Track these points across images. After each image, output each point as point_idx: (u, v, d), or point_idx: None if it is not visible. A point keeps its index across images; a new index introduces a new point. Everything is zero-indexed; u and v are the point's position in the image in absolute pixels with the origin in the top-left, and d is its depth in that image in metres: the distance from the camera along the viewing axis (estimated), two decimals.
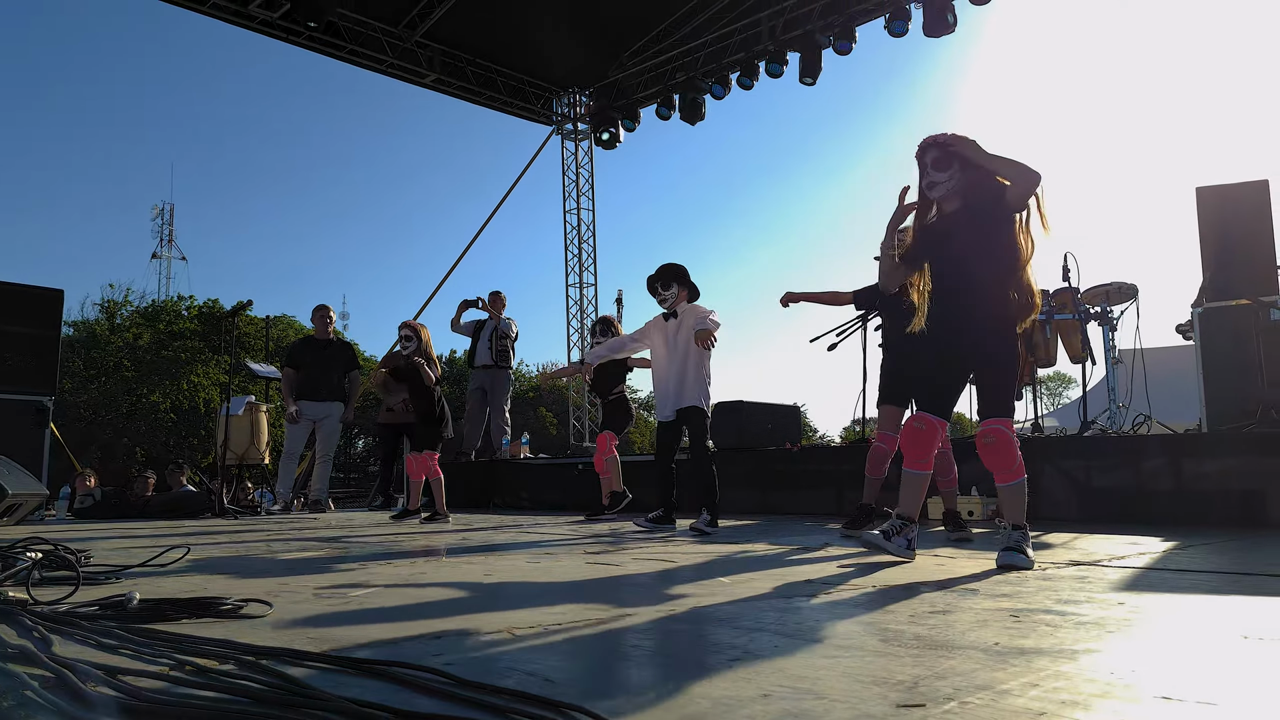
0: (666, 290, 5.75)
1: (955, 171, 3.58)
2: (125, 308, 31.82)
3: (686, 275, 5.82)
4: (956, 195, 3.60)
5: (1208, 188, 6.52)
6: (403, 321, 7.33)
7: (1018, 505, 3.48)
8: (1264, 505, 5.22)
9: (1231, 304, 6.19)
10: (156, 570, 3.41)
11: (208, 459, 26.17)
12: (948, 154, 3.57)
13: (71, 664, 1.50)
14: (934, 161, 3.60)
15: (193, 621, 2.16)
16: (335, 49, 12.74)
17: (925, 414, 3.60)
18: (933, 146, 3.62)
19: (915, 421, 3.62)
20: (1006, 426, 3.46)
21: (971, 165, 3.56)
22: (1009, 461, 3.45)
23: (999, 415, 3.46)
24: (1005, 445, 3.44)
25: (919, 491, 3.67)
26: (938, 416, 3.58)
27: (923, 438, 3.56)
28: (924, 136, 3.68)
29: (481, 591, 2.87)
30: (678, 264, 5.86)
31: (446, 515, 7.25)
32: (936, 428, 3.57)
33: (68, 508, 10.20)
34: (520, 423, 11.39)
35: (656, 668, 1.71)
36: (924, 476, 3.65)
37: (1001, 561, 3.28)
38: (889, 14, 11.50)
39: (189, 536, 5.51)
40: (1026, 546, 3.36)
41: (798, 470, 7.72)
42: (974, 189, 3.57)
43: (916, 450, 3.59)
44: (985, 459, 3.49)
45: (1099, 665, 1.63)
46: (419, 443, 7.34)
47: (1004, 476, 3.49)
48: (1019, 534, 3.40)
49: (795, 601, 2.53)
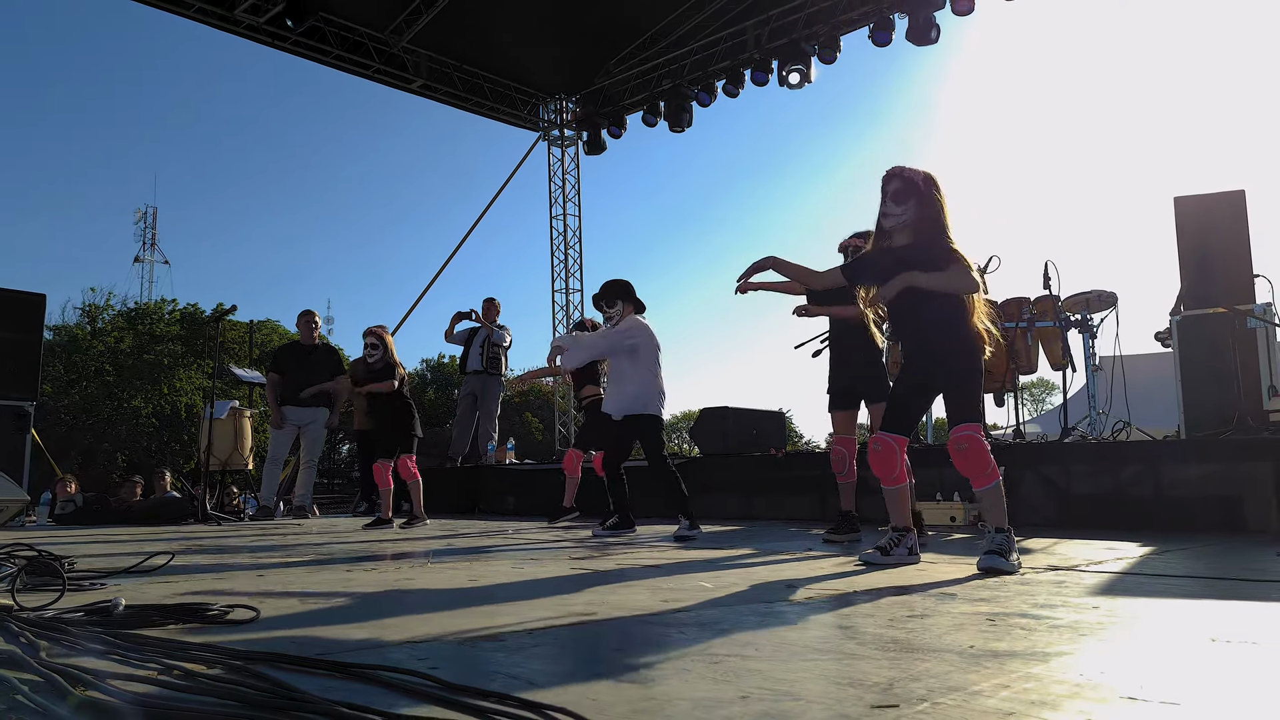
0: (611, 308, 5.93)
1: (911, 207, 3.68)
2: (107, 312, 31.62)
3: (631, 291, 5.97)
4: (908, 230, 3.72)
5: (1186, 198, 6.61)
6: (368, 327, 7.27)
7: (997, 508, 3.55)
8: (1240, 510, 5.29)
9: (1209, 312, 6.27)
10: (141, 576, 3.42)
11: (190, 464, 26.04)
12: (909, 188, 3.68)
13: (61, 669, 1.52)
14: (894, 193, 3.71)
15: (179, 627, 2.18)
16: (322, 54, 12.74)
17: (882, 435, 3.75)
18: (896, 178, 3.72)
19: (873, 444, 3.77)
20: (976, 431, 3.55)
21: (926, 205, 3.67)
22: (982, 465, 3.53)
23: (968, 420, 3.56)
24: (977, 450, 3.51)
25: (901, 502, 3.79)
26: (896, 435, 3.72)
27: (883, 457, 3.72)
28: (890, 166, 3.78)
29: (467, 596, 2.90)
30: (621, 280, 6.00)
31: (424, 519, 7.22)
32: (894, 446, 3.71)
33: (48, 513, 10.13)
34: (506, 428, 11.40)
35: (639, 670, 1.74)
36: (901, 489, 3.78)
37: (983, 565, 3.35)
38: (873, 24, 11.59)
39: (172, 542, 5.50)
40: (1010, 550, 3.41)
41: (782, 476, 7.77)
42: (925, 229, 3.68)
43: (883, 469, 3.74)
44: (959, 465, 3.56)
45: (1069, 667, 1.68)
46: (391, 449, 7.22)
47: (980, 481, 3.56)
48: (1001, 537, 3.46)
49: (776, 605, 2.57)
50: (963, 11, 10.91)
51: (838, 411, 5.14)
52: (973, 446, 3.51)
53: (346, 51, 12.87)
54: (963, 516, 6.12)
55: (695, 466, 8.58)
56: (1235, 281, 6.29)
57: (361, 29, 12.87)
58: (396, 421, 7.21)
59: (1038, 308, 7.12)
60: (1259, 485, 5.27)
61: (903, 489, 3.79)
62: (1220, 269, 6.35)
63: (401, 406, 7.21)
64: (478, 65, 14.38)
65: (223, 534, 6.56)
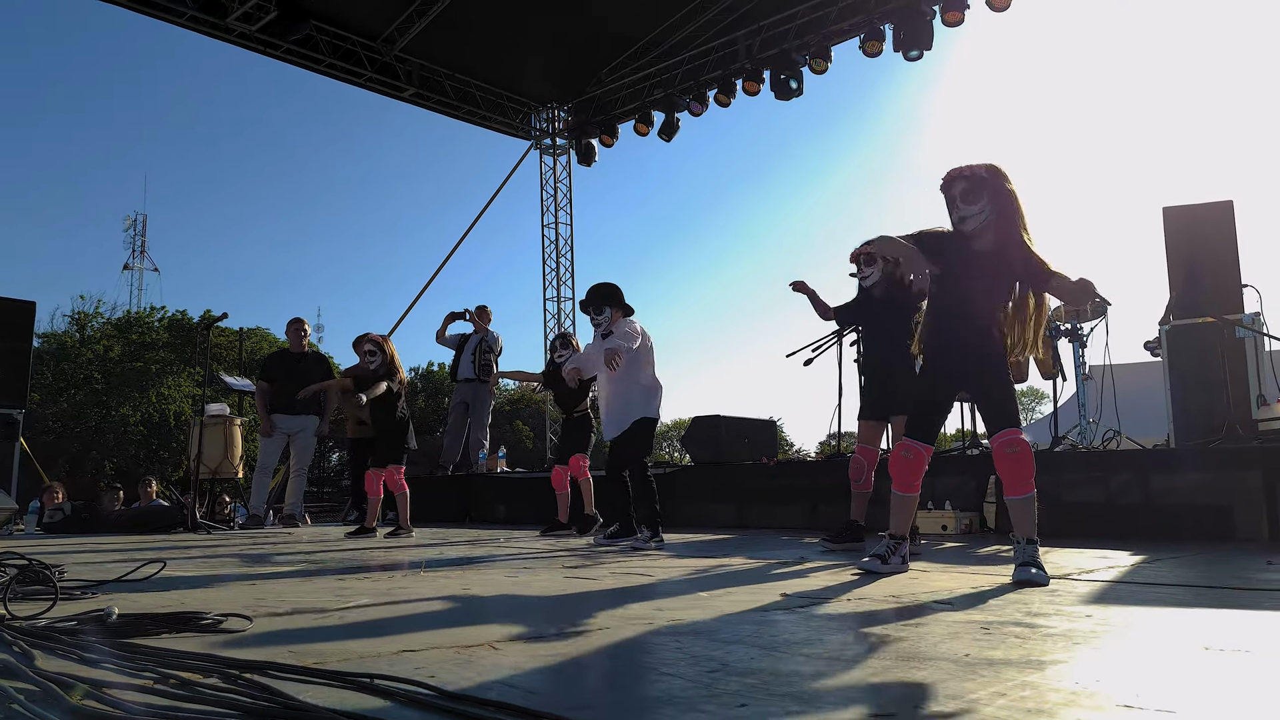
0: (599, 314, 5.78)
1: (986, 204, 3.54)
2: (96, 319, 31.48)
3: (619, 295, 5.82)
4: (989, 231, 3.57)
5: (1174, 208, 6.64)
6: (365, 334, 7.17)
7: (1030, 517, 3.48)
8: (1230, 519, 5.32)
9: (1198, 322, 6.31)
10: (132, 585, 3.40)
11: (178, 472, 25.91)
12: (977, 185, 3.54)
13: (57, 677, 1.51)
14: (963, 194, 3.56)
15: (173, 636, 2.17)
16: (314, 62, 12.73)
17: (911, 441, 3.69)
18: (960, 179, 3.57)
19: (902, 450, 3.71)
20: (1023, 435, 3.51)
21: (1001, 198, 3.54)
22: (1028, 471, 3.47)
23: (1014, 425, 3.51)
24: (1027, 454, 3.46)
25: (908, 512, 3.80)
26: (923, 443, 3.67)
27: (910, 464, 3.67)
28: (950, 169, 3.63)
29: (461, 605, 2.89)
30: (608, 284, 5.85)
31: (410, 530, 7.16)
32: (922, 454, 3.67)
33: (37, 522, 10.07)
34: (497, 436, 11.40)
35: (636, 680, 1.74)
36: (913, 499, 3.77)
37: (1018, 578, 3.28)
38: (863, 34, 11.65)
39: (162, 551, 5.47)
40: (1041, 560, 3.37)
41: (774, 485, 7.77)
42: (1005, 228, 3.55)
43: (906, 475, 3.69)
44: (1005, 469, 3.49)
45: (1065, 675, 1.68)
46: (382, 458, 7.19)
47: (1020, 488, 3.49)
48: (1033, 548, 3.40)
49: (772, 614, 2.57)
50: (952, 23, 10.98)
51: (867, 422, 5.09)
52: (1024, 451, 3.45)
53: (338, 60, 12.87)
54: (954, 525, 6.13)
55: (687, 475, 8.58)
56: (1224, 291, 6.32)
57: (354, 37, 12.87)
58: (392, 431, 7.19)
59: None
60: (1248, 494, 5.30)
61: (914, 499, 3.76)
62: (1209, 279, 6.38)
63: (399, 417, 7.20)
64: (470, 74, 14.39)
65: (213, 543, 6.53)
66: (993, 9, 10.68)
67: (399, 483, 7.17)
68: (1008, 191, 3.55)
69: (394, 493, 7.21)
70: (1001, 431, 3.51)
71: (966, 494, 6.34)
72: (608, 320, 5.75)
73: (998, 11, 10.69)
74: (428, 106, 14.31)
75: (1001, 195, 3.54)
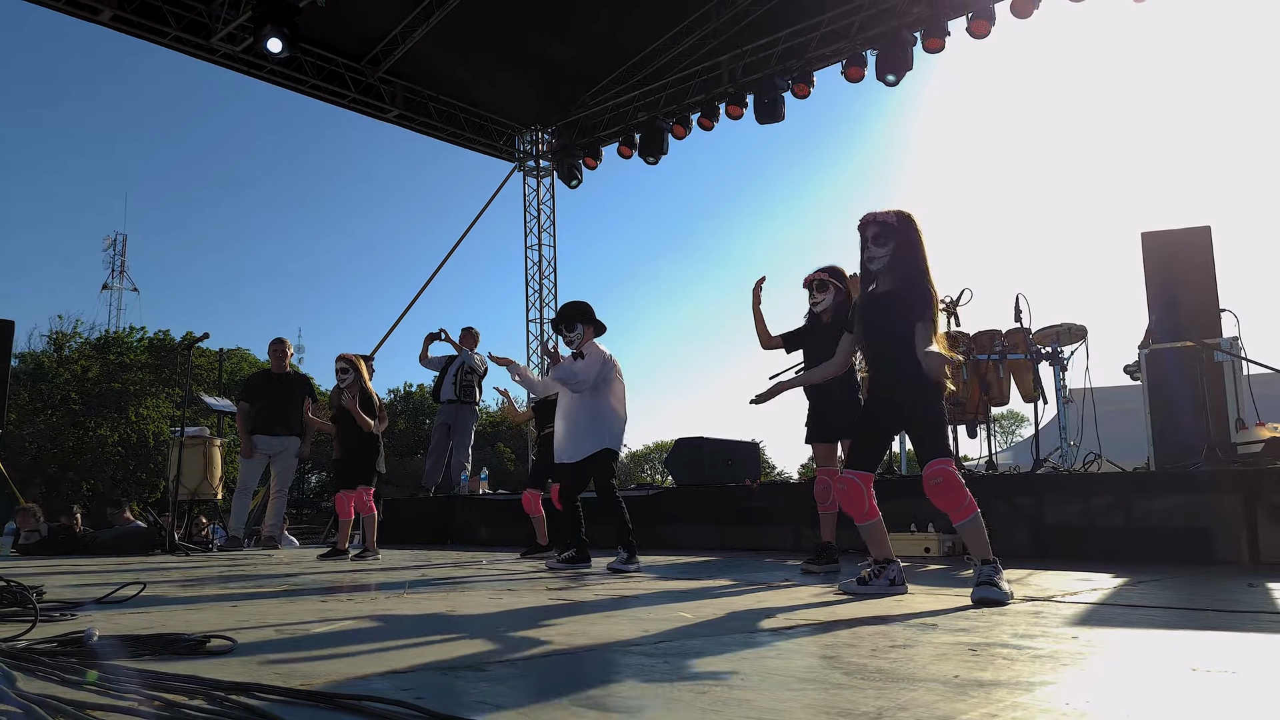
0: (571, 332, 5.70)
1: (891, 249, 3.80)
2: (74, 340, 31.20)
3: (590, 312, 5.77)
4: (891, 272, 3.82)
5: (1152, 233, 6.72)
6: (340, 354, 7.21)
7: (980, 540, 3.56)
8: (1210, 541, 5.35)
9: (1177, 346, 6.37)
10: (112, 607, 3.36)
11: (156, 494, 25.64)
12: (886, 230, 3.81)
13: (39, 699, 1.49)
14: (874, 237, 3.83)
15: (156, 658, 2.14)
16: (298, 83, 12.73)
17: (847, 473, 3.82)
18: (873, 223, 3.83)
19: (839, 484, 3.85)
20: (950, 465, 3.58)
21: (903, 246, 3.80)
22: (959, 499, 3.56)
23: (940, 455, 3.59)
24: (952, 484, 3.54)
25: (878, 535, 3.84)
26: (861, 472, 3.79)
27: (851, 495, 3.79)
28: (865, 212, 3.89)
29: (447, 626, 2.87)
30: (580, 302, 5.82)
31: (377, 553, 7.05)
32: (859, 484, 3.78)
33: (12, 544, 9.93)
34: (478, 458, 11.34)
35: (625, 700, 1.73)
36: (874, 524, 3.84)
37: (976, 597, 3.34)
38: (845, 60, 11.77)
39: (141, 573, 5.41)
40: (999, 580, 3.41)
41: (757, 507, 7.76)
42: (904, 269, 3.79)
43: (853, 507, 3.80)
44: (936, 500, 3.59)
45: (1054, 696, 1.69)
46: (351, 479, 7.13)
47: (958, 515, 3.59)
48: (989, 568, 3.46)
49: (758, 636, 2.56)
50: (933, 49, 11.11)
51: (819, 444, 5.16)
52: (947, 480, 3.54)
53: (323, 81, 12.87)
54: (937, 548, 6.14)
55: (669, 497, 8.57)
56: (1202, 315, 6.39)
57: (339, 59, 12.90)
58: (360, 453, 7.13)
59: (1009, 340, 7.20)
60: (1228, 517, 5.33)
61: (876, 523, 3.83)
62: (1187, 303, 6.45)
63: (369, 440, 7.13)
64: (454, 96, 14.43)
65: (192, 564, 6.46)
66: (973, 36, 10.83)
67: (367, 504, 7.10)
68: (911, 237, 3.82)
69: (361, 515, 7.15)
70: (928, 464, 3.59)
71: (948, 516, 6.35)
72: (580, 337, 5.67)
73: (978, 39, 10.83)
74: (412, 128, 14.32)
75: (904, 242, 3.81)
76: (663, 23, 13.13)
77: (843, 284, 5.04)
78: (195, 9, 11.12)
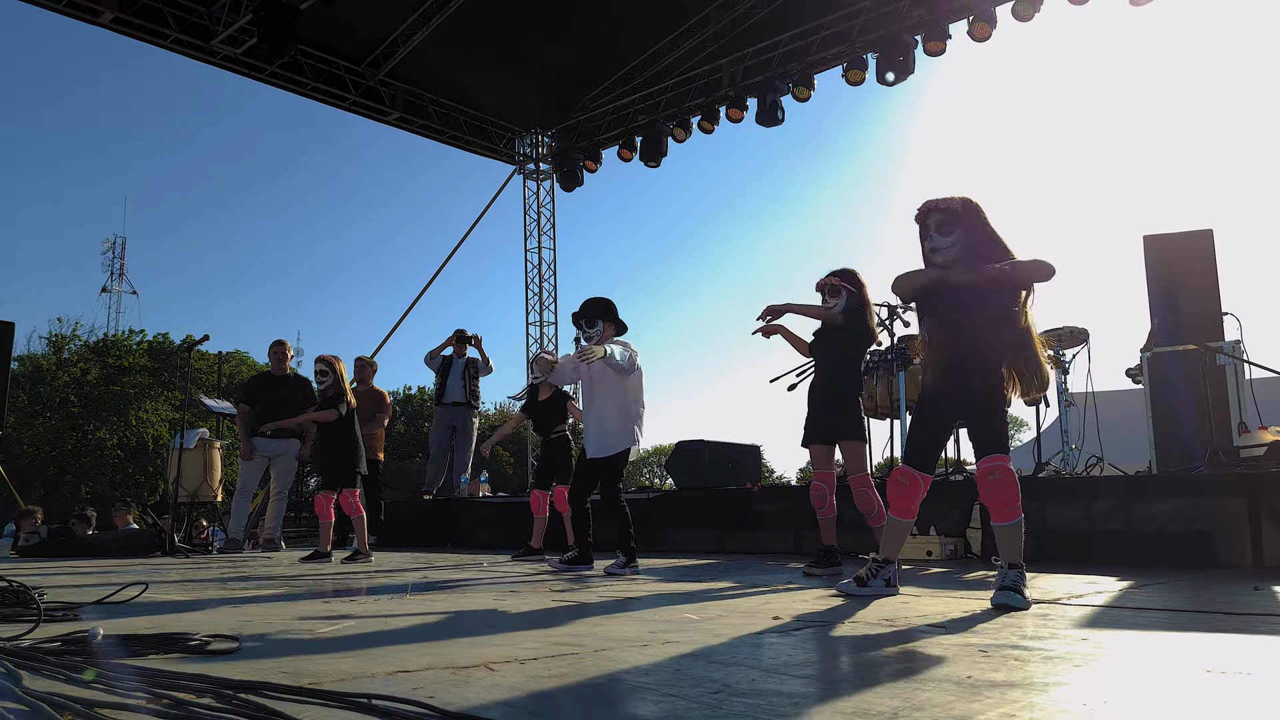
0: (591, 328, 5.51)
1: (960, 236, 3.59)
2: (74, 342, 31.15)
3: (613, 310, 5.59)
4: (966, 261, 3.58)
5: (1154, 236, 6.72)
6: (318, 355, 7.21)
7: (1015, 544, 3.45)
8: (1212, 545, 5.34)
9: (1179, 349, 6.36)
10: (115, 607, 3.34)
11: (155, 496, 25.60)
12: (951, 218, 3.60)
13: (46, 697, 1.47)
14: (938, 225, 3.61)
15: (160, 657, 2.13)
16: (298, 85, 12.73)
17: (908, 468, 3.67)
18: (935, 210, 3.62)
19: (899, 476, 3.67)
20: (1009, 462, 3.47)
21: (977, 231, 3.58)
22: (1011, 499, 3.44)
23: (1000, 451, 3.48)
24: (1009, 481, 3.43)
25: (900, 537, 3.77)
26: (921, 471, 3.65)
27: (906, 490, 3.64)
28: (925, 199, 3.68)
29: (451, 627, 2.85)
30: (603, 298, 5.63)
31: (369, 555, 6.99)
32: (920, 481, 3.63)
33: (12, 546, 9.91)
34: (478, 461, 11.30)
35: (639, 701, 1.72)
36: (907, 524, 3.74)
37: (997, 601, 3.27)
38: (846, 63, 11.77)
39: (142, 574, 5.39)
40: (1024, 587, 3.34)
41: (757, 510, 7.75)
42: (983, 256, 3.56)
43: (902, 501, 3.66)
44: (987, 496, 3.48)
45: (1070, 697, 1.67)
46: (332, 481, 7.08)
47: (1004, 515, 3.46)
48: (1015, 574, 3.37)
49: (766, 637, 2.55)
50: (934, 52, 11.11)
51: (815, 446, 5.13)
52: (1006, 477, 3.42)
53: (323, 83, 12.88)
54: (940, 551, 6.13)
55: (670, 500, 8.55)
56: (1205, 319, 6.38)
57: (339, 62, 12.90)
58: (340, 454, 7.07)
59: None
60: (1230, 520, 5.32)
61: (909, 524, 3.74)
62: (1190, 306, 6.44)
63: (348, 440, 7.06)
64: (454, 99, 14.43)
65: (192, 566, 6.44)
66: (974, 40, 10.83)
67: (354, 505, 7.04)
68: (982, 223, 3.60)
69: (349, 516, 7.10)
70: (986, 457, 3.49)
71: (950, 520, 6.35)
72: (599, 335, 5.49)
73: (979, 42, 10.84)
74: (412, 130, 14.33)
75: (976, 228, 3.59)
76: (663, 26, 13.13)
77: (855, 287, 5.03)
78: (196, 11, 11.12)
